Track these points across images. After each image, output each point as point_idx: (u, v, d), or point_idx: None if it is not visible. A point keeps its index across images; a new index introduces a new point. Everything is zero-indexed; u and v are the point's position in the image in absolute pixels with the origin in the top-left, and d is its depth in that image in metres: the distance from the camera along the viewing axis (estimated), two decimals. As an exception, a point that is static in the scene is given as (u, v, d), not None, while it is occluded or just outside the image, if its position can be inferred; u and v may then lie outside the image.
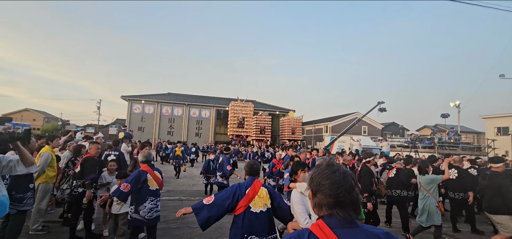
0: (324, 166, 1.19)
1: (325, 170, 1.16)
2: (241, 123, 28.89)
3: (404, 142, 22.93)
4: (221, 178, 7.42)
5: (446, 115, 23.81)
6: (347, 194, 1.08)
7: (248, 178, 2.82)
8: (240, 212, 2.55)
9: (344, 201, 1.08)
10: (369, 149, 17.14)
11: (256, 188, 2.66)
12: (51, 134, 7.12)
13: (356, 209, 1.10)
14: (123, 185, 3.59)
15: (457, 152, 18.14)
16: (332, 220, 1.09)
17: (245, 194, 2.58)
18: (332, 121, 35.64)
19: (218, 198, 2.52)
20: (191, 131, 35.37)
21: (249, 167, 2.93)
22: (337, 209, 1.08)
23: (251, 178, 2.81)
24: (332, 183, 1.10)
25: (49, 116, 55.82)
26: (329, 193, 1.10)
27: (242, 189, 2.61)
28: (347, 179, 1.11)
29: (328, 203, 1.10)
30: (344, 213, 1.08)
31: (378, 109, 16.80)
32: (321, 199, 1.13)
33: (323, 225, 1.09)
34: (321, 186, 1.12)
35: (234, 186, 2.62)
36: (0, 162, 2.49)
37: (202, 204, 2.43)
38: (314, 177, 1.18)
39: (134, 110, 34.26)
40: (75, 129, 41.61)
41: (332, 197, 1.09)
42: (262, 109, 36.14)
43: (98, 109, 41.69)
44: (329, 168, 1.16)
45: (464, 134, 32.76)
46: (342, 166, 1.18)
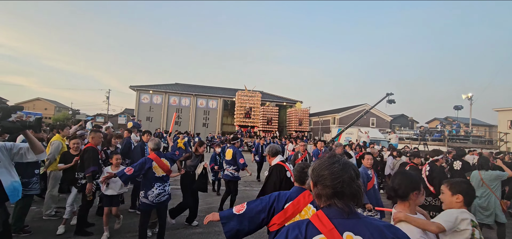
0: (326, 157, 1.20)
1: (326, 161, 1.17)
2: (248, 113, 28.64)
3: (413, 134, 22.60)
4: (234, 171, 6.30)
5: (460, 107, 23.29)
6: (346, 185, 1.09)
7: (294, 187, 2.14)
8: (274, 229, 1.95)
9: (343, 192, 1.09)
10: (376, 141, 16.97)
11: (302, 203, 1.98)
12: (61, 123, 7.27)
13: (357, 201, 1.11)
14: (127, 169, 3.77)
15: (468, 145, 17.79)
16: (331, 210, 1.10)
17: (282, 209, 1.95)
18: (339, 112, 35.33)
19: (251, 208, 1.95)
20: (198, 121, 35.61)
21: (298, 171, 2.19)
22: (335, 199, 1.10)
23: (297, 188, 2.10)
24: (331, 174, 1.11)
25: (60, 106, 56.95)
26: (328, 183, 1.11)
27: (281, 201, 1.98)
28: (347, 170, 1.11)
29: (327, 194, 1.12)
30: (342, 204, 1.09)
31: (387, 101, 16.53)
32: (320, 190, 1.14)
33: (322, 215, 1.11)
34: (320, 177, 1.14)
35: (273, 196, 2.01)
36: (12, 149, 2.59)
37: (231, 212, 1.94)
38: (315, 168, 1.19)
39: (142, 101, 34.62)
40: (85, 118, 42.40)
41: (330, 188, 1.10)
42: (269, 100, 36.01)
43: (107, 99, 42.35)
44: (330, 159, 1.17)
45: (476, 127, 32.06)
46: (343, 158, 1.19)
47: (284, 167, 3.29)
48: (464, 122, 32.16)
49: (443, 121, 27.18)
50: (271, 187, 3.14)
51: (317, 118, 39.58)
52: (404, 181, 1.92)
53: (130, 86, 34.57)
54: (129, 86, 34.61)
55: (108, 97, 42.33)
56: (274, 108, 31.34)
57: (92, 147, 4.42)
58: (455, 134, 20.49)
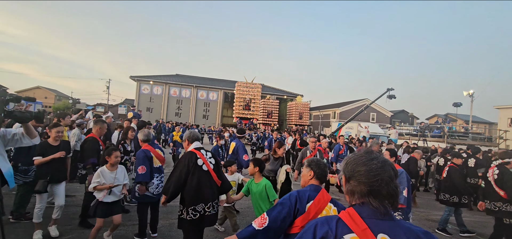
0: (362, 152, 1.14)
1: (362, 156, 1.11)
2: (247, 105, 28.23)
3: (412, 130, 22.63)
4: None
5: (459, 104, 23.23)
6: (384, 184, 1.02)
7: (310, 185, 1.99)
8: (295, 232, 1.78)
9: (380, 191, 1.02)
10: (376, 136, 17.00)
11: (322, 202, 1.87)
12: (62, 112, 7.28)
13: (393, 202, 1.04)
14: (139, 168, 3.73)
15: (467, 142, 17.83)
16: (364, 209, 1.04)
17: (305, 210, 1.81)
18: (340, 107, 35.29)
19: (275, 218, 1.72)
20: (198, 113, 35.62)
21: (321, 169, 2.06)
22: (370, 198, 1.03)
23: (314, 186, 1.97)
24: (369, 170, 1.05)
25: (60, 95, 56.89)
26: (364, 180, 1.05)
27: (303, 201, 1.84)
28: (386, 169, 1.05)
29: (361, 191, 1.06)
30: (377, 204, 1.02)
31: (387, 96, 16.49)
32: (354, 186, 1.08)
33: (353, 213, 1.05)
34: (356, 173, 1.08)
35: (293, 197, 1.84)
36: (5, 136, 2.68)
37: (253, 229, 1.67)
38: (349, 162, 1.13)
39: (143, 91, 34.57)
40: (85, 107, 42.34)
41: (366, 185, 1.04)
42: (270, 93, 35.96)
43: (107, 89, 42.26)
44: (367, 155, 1.10)
45: (476, 124, 32.07)
46: (381, 155, 1.12)
47: (195, 154, 3.08)
48: (465, 119, 32.17)
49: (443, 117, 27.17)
50: (177, 174, 3.00)
51: (317, 112, 39.56)
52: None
53: (130, 76, 34.49)
54: (130, 76, 34.54)
55: (108, 87, 42.25)
56: (275, 102, 31.30)
57: (93, 137, 4.29)
58: (455, 131, 20.52)
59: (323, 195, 1.91)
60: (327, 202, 1.88)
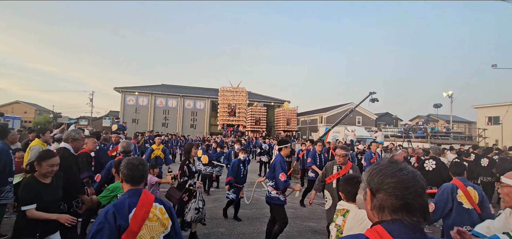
0: (386, 162, 1.03)
1: (389, 167, 1.00)
2: (233, 110, 27.09)
3: (397, 132, 23.20)
4: (274, 190, 4.26)
5: (439, 105, 24.09)
6: (417, 196, 0.92)
7: (127, 192, 1.80)
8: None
9: (413, 205, 0.92)
10: (363, 139, 17.32)
11: (146, 204, 1.73)
12: (42, 127, 7.00)
13: (425, 216, 0.94)
14: (97, 176, 3.90)
15: (449, 142, 18.43)
16: (395, 227, 0.92)
17: (129, 222, 1.64)
18: (326, 112, 35.81)
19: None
20: (186, 123, 35.21)
21: (125, 167, 1.86)
22: (403, 213, 0.92)
23: (132, 191, 1.79)
24: (400, 182, 0.94)
25: (40, 109, 54.87)
26: (396, 193, 0.94)
27: (123, 214, 1.65)
28: (418, 180, 0.95)
29: (393, 205, 0.94)
30: (411, 219, 0.92)
31: (370, 100, 16.84)
32: (383, 200, 0.96)
33: (382, 231, 0.93)
34: (385, 185, 0.96)
35: (109, 213, 1.62)
36: None
37: None
38: (373, 174, 1.02)
39: (128, 102, 33.88)
40: (67, 121, 41.01)
41: (398, 199, 0.93)
42: (257, 100, 36.06)
43: (90, 101, 41.11)
44: (394, 165, 1.00)
45: (456, 123, 33.28)
46: (408, 165, 1.03)
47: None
48: (446, 119, 33.34)
49: (425, 118, 28.10)
50: None
51: (304, 117, 39.97)
52: None
53: (114, 88, 33.79)
54: (114, 88, 33.83)
55: (91, 99, 41.11)
56: (262, 109, 31.39)
57: (86, 152, 4.34)
58: (437, 131, 21.18)
59: (146, 196, 1.77)
60: (151, 203, 1.75)
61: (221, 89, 28.22)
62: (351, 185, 2.06)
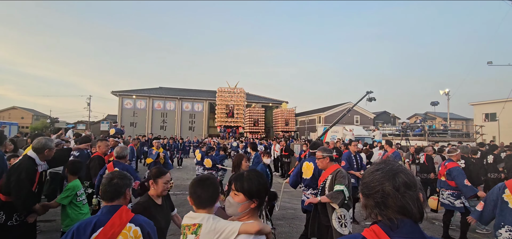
0: (384, 164, 1.03)
1: (371, 167, 1.03)
2: (231, 111, 26.67)
3: (395, 130, 23.29)
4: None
5: (436, 103, 24.19)
6: (388, 196, 0.94)
7: (102, 207, 1.72)
8: None
9: (385, 203, 0.94)
10: (361, 138, 17.36)
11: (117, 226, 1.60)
12: (34, 133, 6.98)
13: (421, 216, 0.94)
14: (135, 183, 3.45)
15: (446, 139, 18.52)
16: (391, 227, 0.93)
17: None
18: (324, 111, 35.87)
19: None
20: (184, 125, 35.14)
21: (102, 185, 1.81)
22: (396, 214, 0.93)
23: (108, 208, 1.70)
24: (370, 182, 0.98)
25: (37, 114, 54.60)
26: (367, 192, 0.97)
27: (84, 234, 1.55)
28: (389, 179, 0.96)
29: (370, 205, 0.97)
30: (404, 218, 0.93)
31: (367, 99, 16.89)
32: (375, 202, 0.97)
33: (379, 231, 0.94)
34: (363, 185, 1.01)
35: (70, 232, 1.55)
36: None
37: None
38: (366, 175, 1.04)
39: (126, 106, 33.79)
40: (65, 126, 40.83)
41: (369, 198, 0.97)
42: (255, 101, 36.07)
43: (88, 105, 41.00)
44: (376, 166, 1.02)
45: (454, 121, 33.45)
46: (406, 167, 1.04)
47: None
48: (443, 117, 33.50)
49: (423, 116, 28.24)
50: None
51: (303, 118, 40.02)
52: None
53: (112, 91, 33.68)
54: (111, 91, 33.72)
55: (89, 103, 40.99)
56: (260, 110, 31.40)
57: (99, 156, 4.45)
58: (435, 129, 21.29)
59: (120, 215, 1.60)
60: (124, 224, 1.58)
61: (218, 90, 27.80)
62: (202, 187, 1.57)
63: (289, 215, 6.37)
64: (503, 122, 23.88)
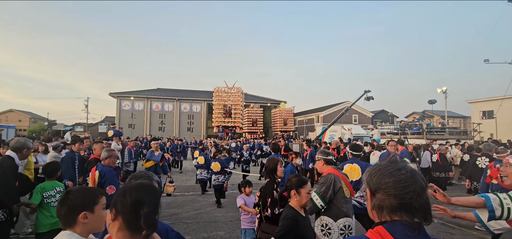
0: (386, 162, 1.03)
1: (388, 166, 1.00)
2: (228, 111, 26.01)
3: (393, 128, 23.36)
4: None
5: (433, 101, 24.29)
6: (417, 196, 0.91)
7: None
8: None
9: (412, 204, 0.91)
10: (359, 137, 17.39)
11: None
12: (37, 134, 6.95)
13: (426, 216, 0.93)
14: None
15: (444, 137, 18.59)
16: (396, 227, 0.92)
17: None
18: (323, 111, 35.90)
19: None
20: (182, 126, 35.09)
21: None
22: (402, 213, 0.92)
23: None
24: (398, 182, 0.94)
25: (35, 117, 54.31)
26: (393, 192, 0.93)
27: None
28: (416, 179, 0.94)
29: (391, 205, 0.94)
30: (410, 219, 0.92)
31: (365, 98, 16.96)
32: (382, 200, 0.96)
33: (384, 232, 0.93)
34: (383, 184, 0.97)
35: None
36: None
37: None
38: (373, 174, 1.02)
39: (124, 107, 33.69)
40: (63, 128, 40.66)
41: (396, 198, 0.93)
42: (254, 102, 36.07)
43: (86, 107, 40.85)
44: (393, 165, 0.99)
45: (451, 118, 33.59)
46: (408, 164, 1.02)
47: None
48: (440, 115, 33.63)
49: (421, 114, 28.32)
50: None
51: (301, 117, 40.05)
52: None
53: (109, 93, 33.61)
54: (109, 93, 33.64)
55: (86, 105, 40.85)
56: (259, 110, 31.40)
57: (96, 158, 4.46)
58: (433, 127, 21.35)
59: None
60: None
61: (215, 89, 27.33)
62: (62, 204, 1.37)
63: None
64: (500, 119, 23.98)
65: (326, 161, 3.12)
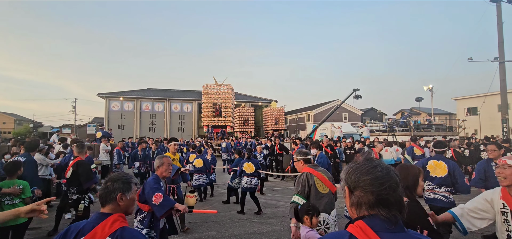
0: (362, 160, 1.08)
1: (365, 164, 1.05)
2: (218, 110, 25.27)
3: (382, 126, 23.81)
4: (450, 194, 4.10)
5: (420, 99, 24.89)
6: (392, 191, 0.97)
7: (94, 214, 1.59)
8: None
9: (388, 199, 0.97)
10: (349, 135, 17.66)
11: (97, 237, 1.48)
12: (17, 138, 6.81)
13: (401, 210, 0.99)
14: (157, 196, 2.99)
15: (431, 133, 19.08)
16: (375, 221, 0.98)
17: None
18: (313, 109, 36.22)
19: None
20: (173, 126, 34.75)
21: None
22: (379, 208, 0.97)
23: (99, 215, 1.56)
24: (374, 179, 0.99)
25: (20, 119, 52.77)
26: (371, 189, 0.99)
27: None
28: (391, 175, 1.00)
29: (369, 201, 0.99)
30: (388, 213, 0.97)
31: (354, 97, 17.26)
32: (360, 197, 1.02)
33: (365, 227, 0.98)
34: (361, 182, 1.02)
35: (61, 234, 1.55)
36: None
37: None
38: (351, 172, 1.07)
39: (113, 108, 33.11)
40: (50, 130, 39.68)
41: (374, 194, 0.98)
42: (245, 101, 36.04)
43: (73, 108, 40.02)
44: (369, 163, 1.05)
45: (438, 115, 34.45)
46: (382, 161, 1.08)
47: None
48: (427, 112, 34.44)
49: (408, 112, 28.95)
50: None
51: (292, 116, 40.31)
52: None
53: (98, 94, 32.95)
54: (97, 94, 32.99)
55: (74, 106, 40.01)
56: (250, 109, 31.39)
57: (85, 160, 4.56)
58: (420, 124, 21.89)
59: (104, 227, 1.46)
60: (106, 235, 1.44)
61: (204, 86, 26.38)
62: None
63: (280, 213, 6.43)
64: (484, 116, 24.76)
65: (305, 161, 3.18)
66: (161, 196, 2.94)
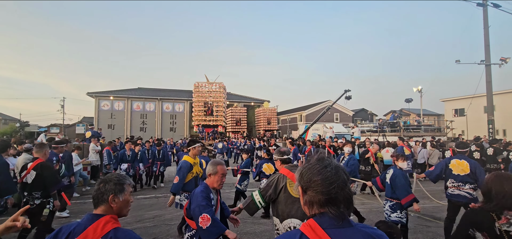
0: (314, 160, 1.12)
1: (316, 165, 1.09)
2: (209, 109, 24.88)
3: (373, 126, 24.17)
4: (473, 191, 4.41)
5: (410, 100, 25.36)
6: (340, 190, 1.02)
7: (86, 215, 1.56)
8: None
9: (337, 198, 1.02)
10: (341, 135, 17.85)
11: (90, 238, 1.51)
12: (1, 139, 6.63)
13: (349, 206, 1.05)
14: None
15: (420, 134, 19.45)
16: (324, 219, 1.03)
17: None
18: (305, 110, 36.46)
19: None
20: (165, 126, 34.42)
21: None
22: (329, 206, 1.02)
23: (91, 216, 1.55)
24: (324, 179, 1.03)
25: (6, 118, 51.24)
26: (321, 190, 1.03)
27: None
28: (340, 174, 1.05)
29: (320, 201, 1.04)
30: (336, 211, 1.02)
31: (345, 97, 17.52)
32: (312, 197, 1.06)
33: (315, 225, 1.03)
34: (312, 183, 1.06)
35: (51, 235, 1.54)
36: None
37: None
38: (304, 173, 1.11)
39: (102, 108, 32.56)
40: (37, 130, 38.69)
41: (324, 194, 1.02)
42: (237, 101, 35.98)
43: (62, 107, 39.14)
44: (320, 163, 1.09)
45: (426, 116, 35.16)
46: (333, 160, 1.12)
47: None
48: (416, 113, 35.12)
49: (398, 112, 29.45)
50: None
51: (284, 116, 40.47)
52: None
53: (87, 93, 32.37)
54: (87, 93, 32.40)
55: (63, 106, 39.14)
56: (242, 109, 31.37)
57: (48, 163, 4.18)
58: (409, 124, 22.30)
59: (98, 226, 1.46)
60: (98, 237, 1.44)
61: (195, 85, 25.75)
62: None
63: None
64: (471, 117, 25.40)
65: (282, 161, 2.99)
66: (209, 219, 2.41)
